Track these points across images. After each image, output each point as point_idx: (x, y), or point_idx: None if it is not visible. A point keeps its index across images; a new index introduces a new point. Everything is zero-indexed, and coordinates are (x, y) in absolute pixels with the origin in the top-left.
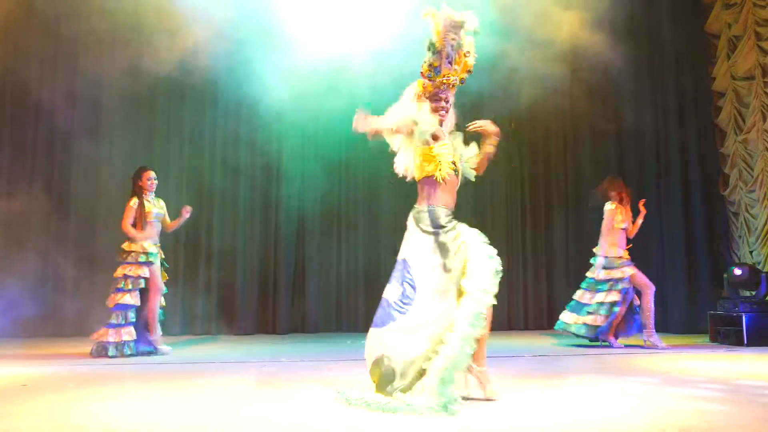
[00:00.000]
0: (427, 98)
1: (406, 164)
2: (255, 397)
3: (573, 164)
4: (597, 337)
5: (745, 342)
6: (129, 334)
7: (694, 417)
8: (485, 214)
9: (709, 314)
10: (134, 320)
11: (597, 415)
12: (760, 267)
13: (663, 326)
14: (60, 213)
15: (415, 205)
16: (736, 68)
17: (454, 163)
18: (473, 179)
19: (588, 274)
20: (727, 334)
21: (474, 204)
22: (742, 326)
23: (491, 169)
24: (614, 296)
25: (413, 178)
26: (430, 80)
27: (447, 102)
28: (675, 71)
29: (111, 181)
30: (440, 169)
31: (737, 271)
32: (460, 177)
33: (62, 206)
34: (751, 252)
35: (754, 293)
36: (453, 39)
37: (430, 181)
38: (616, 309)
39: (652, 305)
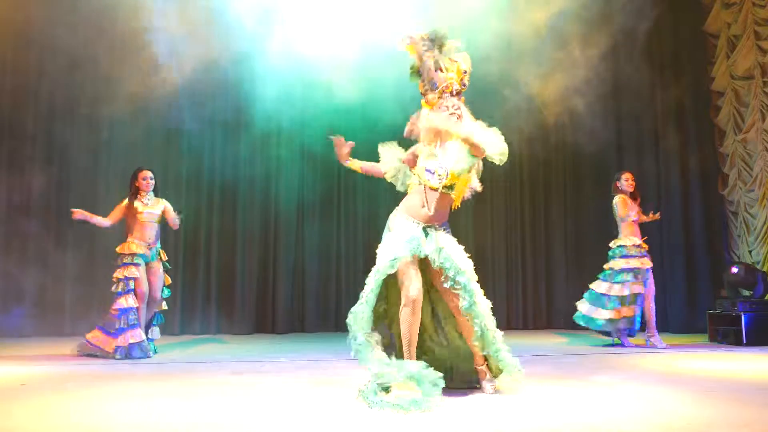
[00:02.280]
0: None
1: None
2: (254, 397)
3: (572, 163)
4: (619, 333)
5: (744, 341)
6: (134, 336)
7: (693, 417)
8: (485, 213)
9: (708, 314)
10: (137, 323)
11: (596, 415)
12: (759, 266)
13: (662, 326)
14: (60, 212)
15: None
16: (736, 68)
17: (431, 171)
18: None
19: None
20: (726, 334)
21: (474, 203)
22: (741, 326)
23: (489, 168)
24: (639, 288)
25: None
26: (432, 92)
27: (456, 108)
28: (674, 71)
29: (111, 180)
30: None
31: (734, 269)
32: (436, 187)
33: (62, 205)
34: (750, 251)
35: (752, 293)
36: (430, 55)
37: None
38: (640, 301)
39: (654, 305)
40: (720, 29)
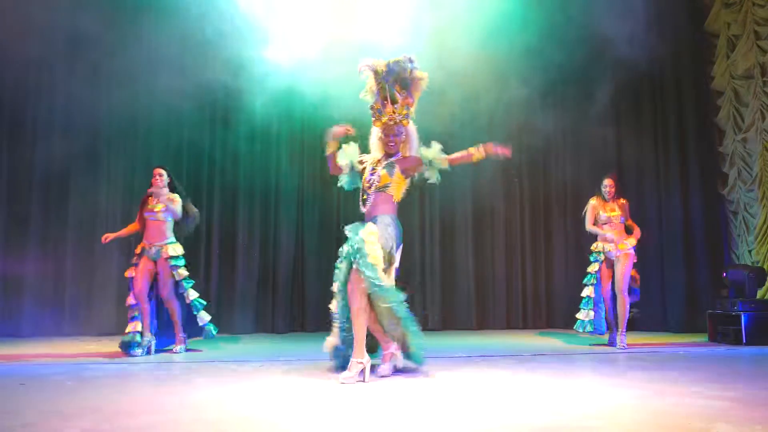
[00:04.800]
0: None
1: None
2: (254, 397)
3: (572, 163)
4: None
5: (744, 341)
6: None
7: (692, 416)
8: (484, 212)
9: (708, 313)
10: (135, 316)
11: (594, 415)
12: (758, 265)
13: (663, 325)
14: (59, 211)
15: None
16: (735, 67)
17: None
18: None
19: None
20: (725, 333)
21: (473, 204)
22: (740, 325)
23: (489, 170)
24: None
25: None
26: (377, 120)
27: (394, 135)
28: (674, 70)
29: (111, 178)
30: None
31: (724, 275)
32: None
33: (62, 204)
34: (749, 251)
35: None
36: (381, 86)
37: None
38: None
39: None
40: (720, 29)
